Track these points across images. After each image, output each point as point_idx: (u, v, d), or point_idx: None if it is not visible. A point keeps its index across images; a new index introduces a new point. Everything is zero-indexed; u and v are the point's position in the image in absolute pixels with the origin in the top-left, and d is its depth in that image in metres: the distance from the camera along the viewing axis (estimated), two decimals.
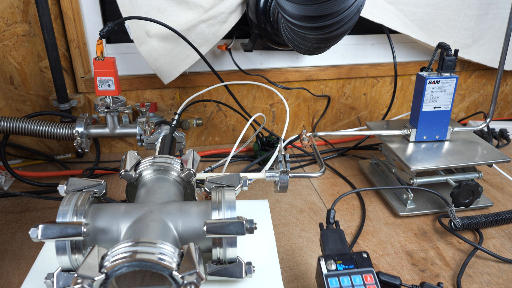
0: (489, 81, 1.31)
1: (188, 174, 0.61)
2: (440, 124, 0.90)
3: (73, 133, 0.89)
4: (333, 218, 0.63)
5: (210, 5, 0.96)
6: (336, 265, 0.55)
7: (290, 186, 0.97)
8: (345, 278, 0.54)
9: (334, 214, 0.63)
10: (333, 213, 0.63)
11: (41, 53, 0.99)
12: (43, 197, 0.87)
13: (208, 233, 0.50)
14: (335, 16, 0.66)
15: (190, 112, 1.13)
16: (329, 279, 0.53)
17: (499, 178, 1.01)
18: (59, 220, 0.49)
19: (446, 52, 0.84)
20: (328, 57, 1.16)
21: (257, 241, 0.63)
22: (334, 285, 0.53)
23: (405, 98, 1.27)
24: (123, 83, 1.06)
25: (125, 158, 0.62)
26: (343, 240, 0.60)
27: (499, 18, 1.16)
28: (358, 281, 0.54)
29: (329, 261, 0.56)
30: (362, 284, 0.54)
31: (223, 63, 1.12)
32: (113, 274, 0.42)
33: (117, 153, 1.14)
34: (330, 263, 0.55)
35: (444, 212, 0.86)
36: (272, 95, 1.16)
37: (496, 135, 1.20)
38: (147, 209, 0.53)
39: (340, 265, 0.55)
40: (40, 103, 1.04)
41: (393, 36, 1.10)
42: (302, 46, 0.82)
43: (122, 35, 1.03)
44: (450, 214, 0.78)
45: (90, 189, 0.55)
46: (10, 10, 0.93)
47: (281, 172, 0.67)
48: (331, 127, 1.26)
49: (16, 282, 0.68)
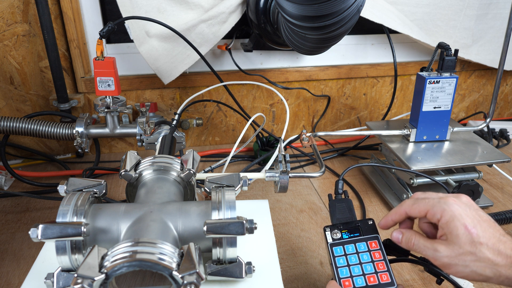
0: (489, 81, 1.31)
1: (188, 174, 0.61)
2: (440, 124, 0.90)
3: (73, 133, 0.89)
4: (342, 188, 0.62)
5: (210, 5, 0.96)
6: (341, 234, 0.56)
7: (290, 186, 0.97)
8: (350, 246, 0.54)
9: (343, 184, 0.62)
10: (342, 183, 0.62)
11: (41, 53, 0.99)
12: (43, 197, 0.87)
13: (208, 233, 0.50)
14: (335, 16, 0.66)
15: (190, 112, 1.13)
16: (334, 248, 0.54)
17: (499, 178, 1.01)
18: (59, 220, 0.49)
19: (446, 52, 0.84)
20: (328, 57, 1.16)
21: (257, 241, 0.63)
22: (339, 253, 0.54)
23: (405, 98, 1.27)
24: (123, 83, 1.06)
25: (125, 158, 0.62)
26: (351, 209, 0.60)
27: (499, 18, 1.16)
28: (363, 248, 0.54)
29: (334, 231, 0.56)
30: (367, 250, 0.54)
31: (223, 63, 1.12)
32: (113, 274, 0.42)
33: (117, 153, 1.14)
34: (335, 232, 0.56)
35: None
36: (272, 95, 1.16)
37: (496, 135, 1.20)
38: (147, 209, 0.53)
39: (346, 234, 0.56)
40: (40, 103, 1.04)
41: (393, 36, 1.10)
42: (302, 46, 0.82)
43: (122, 35, 1.03)
44: None
45: (90, 189, 0.55)
46: (10, 10, 0.93)
47: (281, 172, 0.67)
48: (331, 127, 1.26)
49: (16, 282, 0.68)
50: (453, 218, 0.48)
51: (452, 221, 0.48)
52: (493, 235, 0.47)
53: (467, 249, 0.47)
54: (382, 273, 0.52)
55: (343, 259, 0.53)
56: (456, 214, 0.48)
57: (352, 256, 0.53)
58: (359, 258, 0.53)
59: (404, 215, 0.53)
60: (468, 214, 0.49)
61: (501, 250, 0.46)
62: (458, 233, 0.47)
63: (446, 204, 0.49)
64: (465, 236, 0.47)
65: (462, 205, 0.50)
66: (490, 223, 0.49)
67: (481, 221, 0.48)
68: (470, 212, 0.49)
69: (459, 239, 0.47)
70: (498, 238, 0.47)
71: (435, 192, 0.54)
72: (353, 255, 0.53)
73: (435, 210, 0.50)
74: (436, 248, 0.48)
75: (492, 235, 0.47)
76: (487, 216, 0.50)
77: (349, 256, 0.53)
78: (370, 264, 0.52)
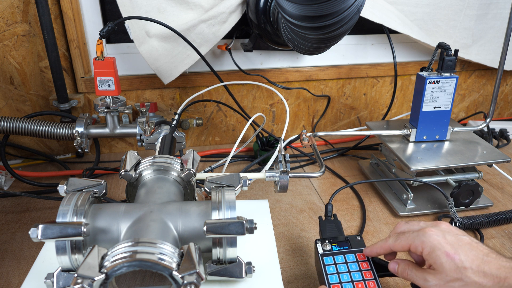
0: (489, 81, 1.31)
1: (188, 174, 0.61)
2: (440, 124, 0.90)
3: (73, 133, 0.89)
4: (331, 211, 0.68)
5: (210, 5, 0.96)
6: (331, 246, 0.60)
7: (290, 186, 0.96)
8: (340, 257, 0.59)
9: (332, 207, 0.68)
10: (331, 207, 0.68)
11: (41, 53, 0.99)
12: (43, 197, 0.87)
13: (208, 233, 0.50)
14: (335, 16, 0.66)
15: (190, 112, 1.13)
16: (324, 257, 0.59)
17: (499, 178, 1.01)
18: (59, 220, 0.49)
19: (446, 52, 0.84)
20: (328, 57, 1.16)
21: (257, 241, 0.63)
22: (329, 262, 0.58)
23: (405, 98, 1.27)
24: (123, 83, 1.06)
25: (125, 158, 0.62)
26: (340, 229, 0.65)
27: (499, 18, 1.16)
28: (352, 258, 0.58)
29: (324, 243, 0.61)
30: (355, 261, 0.58)
31: (223, 63, 1.12)
32: (113, 274, 0.42)
33: (117, 153, 1.14)
34: (326, 244, 0.61)
35: (445, 212, 0.86)
36: (272, 95, 1.16)
37: (496, 135, 1.20)
38: (147, 209, 0.53)
39: (335, 246, 0.60)
40: (40, 103, 1.04)
41: (393, 36, 1.10)
42: (302, 46, 0.82)
43: (122, 35, 1.03)
44: (449, 209, 0.78)
45: (90, 189, 0.55)
46: (10, 10, 0.93)
47: (281, 172, 0.67)
48: (331, 127, 1.26)
49: (16, 282, 0.68)
50: (433, 249, 0.50)
51: (433, 252, 0.50)
52: (476, 257, 0.49)
53: (453, 275, 0.48)
54: (369, 280, 0.56)
55: (333, 268, 0.57)
56: (436, 243, 0.50)
57: (342, 265, 0.57)
58: (348, 267, 0.57)
59: (389, 250, 0.56)
60: (447, 241, 0.50)
61: (486, 271, 0.47)
62: (441, 261, 0.49)
63: (424, 236, 0.51)
64: (448, 263, 0.49)
65: (440, 233, 0.51)
66: (471, 246, 0.50)
67: (462, 245, 0.50)
68: (449, 238, 0.51)
69: (443, 267, 0.49)
70: (482, 259, 0.48)
71: (417, 222, 0.56)
72: (342, 264, 0.57)
73: (416, 244, 0.52)
74: (425, 278, 0.51)
75: (475, 257, 0.49)
76: (468, 238, 0.52)
77: (339, 265, 0.57)
78: (358, 272, 0.56)
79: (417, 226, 0.55)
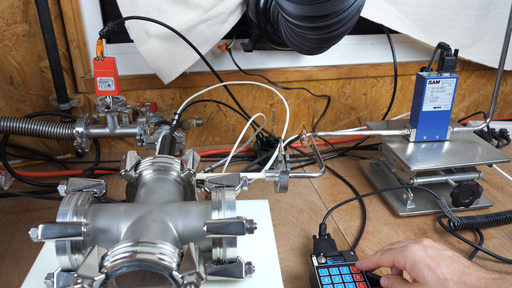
0: (489, 81, 1.31)
1: (188, 174, 0.61)
2: (440, 124, 0.90)
3: (73, 133, 0.89)
4: (325, 230, 0.72)
5: (210, 5, 0.96)
6: (326, 259, 0.63)
7: (290, 186, 0.97)
8: (334, 269, 0.62)
9: (326, 227, 0.72)
10: (325, 226, 0.72)
11: (41, 53, 0.99)
12: (43, 197, 0.87)
13: (208, 233, 0.50)
14: (335, 16, 0.66)
15: (190, 112, 1.13)
16: (319, 269, 0.62)
17: (499, 178, 1.01)
18: (59, 220, 0.49)
19: (446, 52, 0.84)
20: (328, 57, 1.17)
21: (257, 241, 0.63)
22: (324, 273, 0.61)
23: (405, 98, 1.27)
24: (123, 83, 1.06)
25: (125, 158, 0.62)
26: (333, 246, 0.69)
27: (499, 18, 1.16)
28: (346, 271, 0.61)
29: (320, 256, 0.64)
30: (349, 273, 0.61)
31: (223, 63, 1.12)
32: (113, 274, 0.42)
33: (117, 153, 1.14)
34: (321, 257, 0.64)
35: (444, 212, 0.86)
36: (272, 95, 1.16)
37: (496, 135, 1.20)
38: (147, 209, 0.53)
39: (330, 260, 0.63)
40: (40, 103, 1.04)
41: (393, 36, 1.10)
42: (302, 46, 0.82)
43: (122, 35, 1.03)
44: (443, 209, 0.78)
45: (90, 189, 0.55)
46: (10, 10, 0.93)
47: (281, 172, 0.67)
48: (331, 127, 1.26)
49: (16, 282, 0.68)
50: (415, 263, 0.52)
51: (415, 265, 0.52)
52: (457, 269, 0.50)
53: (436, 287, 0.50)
54: None
55: (327, 279, 0.60)
56: (417, 257, 0.52)
57: (336, 277, 0.60)
58: (342, 278, 0.60)
59: (376, 264, 0.59)
60: (429, 254, 0.52)
61: (467, 283, 0.49)
62: (423, 274, 0.51)
63: (407, 251, 0.54)
64: (430, 276, 0.50)
65: (422, 248, 0.54)
66: (453, 259, 0.52)
67: (444, 259, 0.52)
68: (431, 252, 0.53)
69: (426, 280, 0.51)
70: (463, 271, 0.50)
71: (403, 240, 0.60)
72: (336, 276, 0.60)
73: (399, 259, 0.54)
74: None
75: (456, 269, 0.50)
76: (450, 252, 0.54)
77: (333, 276, 0.60)
78: (352, 283, 0.59)
79: (401, 244, 0.58)
